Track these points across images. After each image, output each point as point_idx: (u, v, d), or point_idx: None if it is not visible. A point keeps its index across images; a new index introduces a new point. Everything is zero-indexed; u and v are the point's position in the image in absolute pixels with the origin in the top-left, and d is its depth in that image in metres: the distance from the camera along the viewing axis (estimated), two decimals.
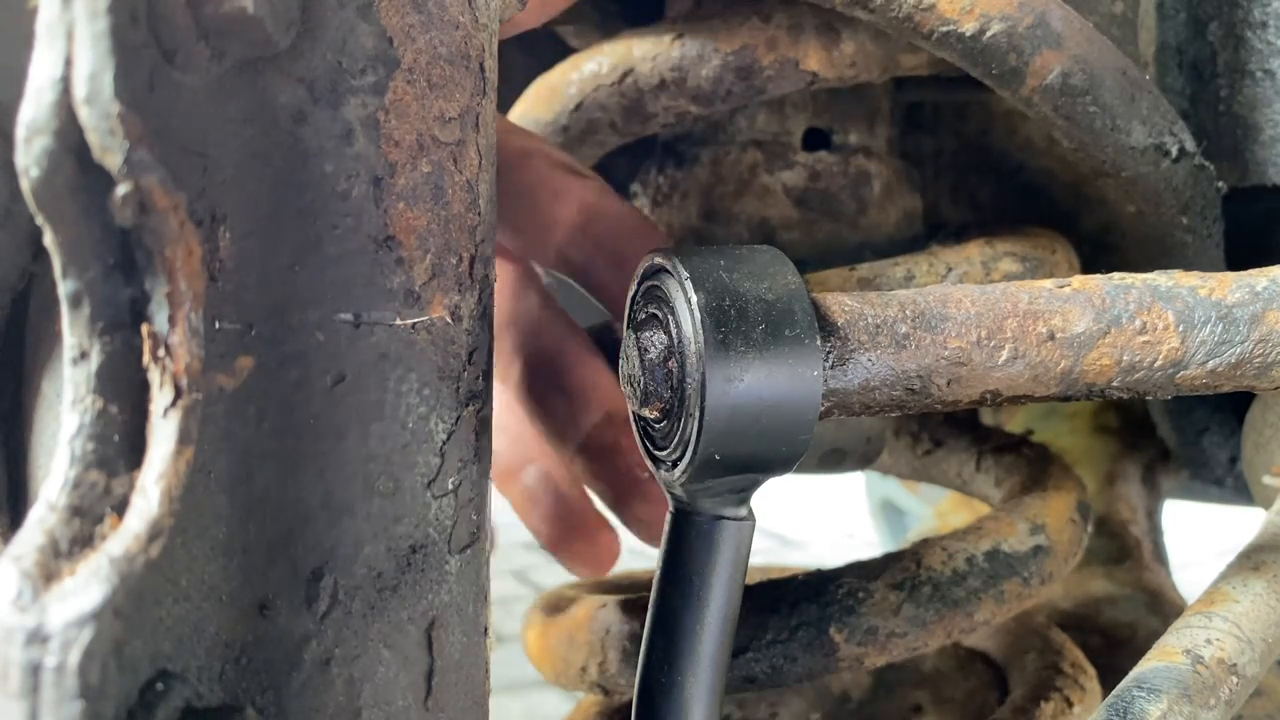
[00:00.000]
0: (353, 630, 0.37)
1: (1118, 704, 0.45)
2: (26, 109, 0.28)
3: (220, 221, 0.34)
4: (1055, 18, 0.54)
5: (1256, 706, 0.81)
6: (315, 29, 0.36)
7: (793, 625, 0.57)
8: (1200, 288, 0.45)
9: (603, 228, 0.60)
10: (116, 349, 0.30)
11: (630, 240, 0.59)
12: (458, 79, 0.40)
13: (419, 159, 0.38)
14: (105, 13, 0.28)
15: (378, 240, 0.37)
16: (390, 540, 0.38)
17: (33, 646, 0.27)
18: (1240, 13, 0.68)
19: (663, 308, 0.43)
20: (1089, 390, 0.45)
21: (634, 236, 0.59)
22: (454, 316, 0.39)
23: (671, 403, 0.42)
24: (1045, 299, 0.45)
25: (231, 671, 0.35)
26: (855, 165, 0.68)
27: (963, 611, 0.58)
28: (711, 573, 0.44)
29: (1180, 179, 0.61)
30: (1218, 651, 0.47)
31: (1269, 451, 0.70)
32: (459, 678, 0.41)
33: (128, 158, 0.28)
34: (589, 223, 0.60)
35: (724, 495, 0.43)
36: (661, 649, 0.44)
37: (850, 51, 0.61)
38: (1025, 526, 0.63)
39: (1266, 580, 0.51)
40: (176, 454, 0.30)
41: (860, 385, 0.43)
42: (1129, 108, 0.57)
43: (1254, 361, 0.45)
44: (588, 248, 0.60)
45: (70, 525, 0.29)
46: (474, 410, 0.41)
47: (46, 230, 0.29)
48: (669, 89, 0.62)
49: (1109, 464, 1.00)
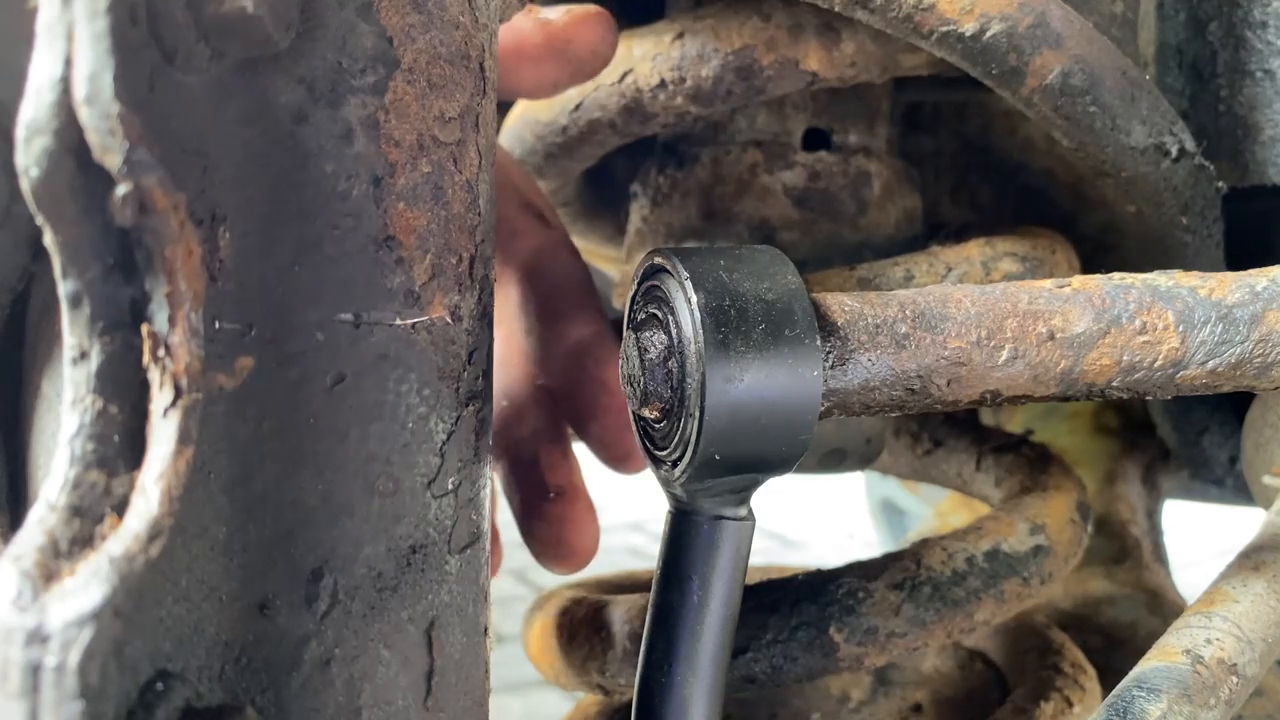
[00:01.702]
0: (353, 630, 0.37)
1: (1118, 704, 0.45)
2: (26, 109, 0.28)
3: (220, 221, 0.34)
4: (1055, 18, 0.54)
5: (1256, 706, 0.81)
6: (315, 29, 0.36)
7: (793, 625, 0.57)
8: (1200, 288, 0.45)
9: (543, 283, 0.61)
10: (116, 349, 0.30)
11: (564, 301, 0.61)
12: (458, 79, 0.40)
13: (419, 159, 0.38)
14: (105, 13, 0.28)
15: (378, 240, 0.37)
16: (390, 540, 0.38)
17: (33, 646, 0.27)
18: (1240, 13, 0.68)
19: (663, 308, 0.43)
20: (1089, 390, 0.45)
21: (568, 298, 0.61)
22: (454, 316, 0.39)
23: (671, 403, 0.42)
24: (1045, 299, 0.45)
25: (231, 671, 0.35)
26: (855, 165, 0.68)
27: (963, 611, 0.58)
28: (711, 573, 0.44)
29: (1180, 179, 0.61)
30: (1218, 651, 0.47)
31: (1269, 451, 0.70)
32: (459, 678, 0.41)
33: (128, 158, 0.28)
34: (532, 273, 0.62)
35: (724, 495, 0.43)
36: (661, 649, 0.44)
37: (850, 51, 0.61)
38: (1025, 526, 0.63)
39: (1266, 580, 0.51)
40: (176, 454, 0.30)
41: (860, 385, 0.43)
42: (1129, 108, 0.57)
43: (1254, 361, 0.45)
44: (525, 293, 0.61)
45: (70, 525, 0.29)
46: (474, 410, 0.41)
47: (46, 230, 0.29)
48: (669, 89, 0.62)
49: (1109, 464, 1.00)
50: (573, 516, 0.57)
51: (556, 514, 0.57)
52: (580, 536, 0.57)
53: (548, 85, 0.60)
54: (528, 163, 0.71)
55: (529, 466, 0.59)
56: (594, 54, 0.58)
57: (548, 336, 0.60)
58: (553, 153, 0.70)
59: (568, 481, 0.58)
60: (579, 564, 0.58)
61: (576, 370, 0.59)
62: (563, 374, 0.60)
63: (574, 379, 0.59)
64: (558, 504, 0.58)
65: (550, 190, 0.75)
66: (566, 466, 0.59)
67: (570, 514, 0.57)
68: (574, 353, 0.59)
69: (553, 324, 0.61)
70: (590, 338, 0.59)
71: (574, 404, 0.60)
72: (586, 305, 0.61)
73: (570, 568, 0.57)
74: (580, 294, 0.61)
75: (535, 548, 0.58)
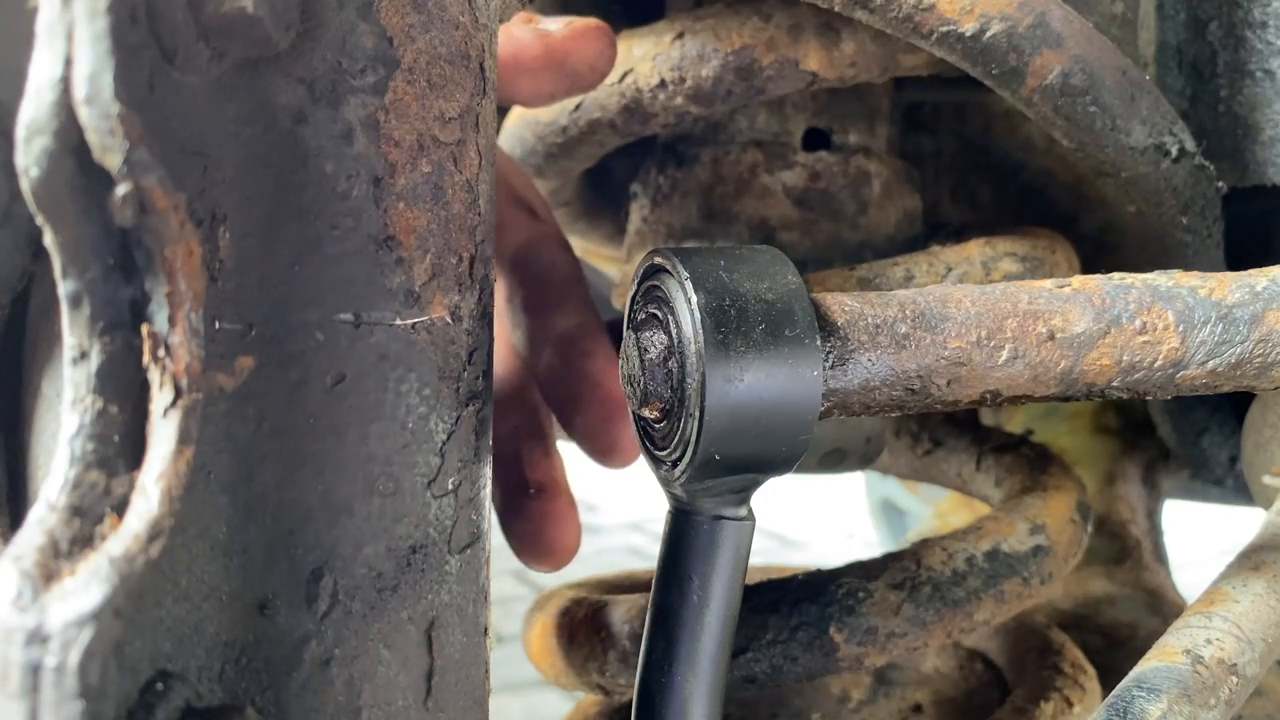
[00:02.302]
0: (353, 630, 0.37)
1: (1118, 704, 0.45)
2: (26, 109, 0.28)
3: (220, 221, 0.34)
4: (1055, 18, 0.54)
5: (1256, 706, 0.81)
6: (315, 29, 0.36)
7: (793, 625, 0.57)
8: (1200, 288, 0.45)
9: (531, 276, 0.61)
10: (116, 349, 0.30)
11: (551, 293, 0.60)
12: (458, 79, 0.40)
13: (419, 159, 0.38)
14: (105, 13, 0.28)
15: (378, 240, 0.37)
16: (390, 540, 0.38)
17: (33, 646, 0.27)
18: (1240, 13, 0.68)
19: (663, 308, 0.43)
20: (1089, 390, 0.45)
21: (556, 290, 0.60)
22: (454, 316, 0.39)
23: (671, 403, 0.42)
24: (1045, 299, 0.45)
25: (231, 671, 0.35)
26: (855, 165, 0.68)
27: (963, 611, 0.58)
28: (711, 573, 0.44)
29: (1180, 179, 0.61)
30: (1218, 651, 0.47)
31: (1269, 451, 0.70)
32: (459, 678, 0.41)
33: (128, 158, 0.28)
34: (520, 265, 0.61)
35: (724, 495, 0.43)
36: (661, 649, 0.44)
37: (850, 51, 0.61)
38: (1025, 526, 0.63)
39: (1266, 580, 0.51)
40: (176, 454, 0.30)
41: (860, 385, 0.43)
42: (1129, 108, 0.57)
43: (1254, 361, 0.45)
44: (512, 286, 0.61)
45: (70, 525, 0.29)
46: (474, 410, 0.41)
47: (46, 230, 0.29)
48: (669, 89, 0.62)
49: (1109, 464, 1.00)
50: (554, 513, 0.57)
51: (538, 511, 0.57)
52: (561, 534, 0.57)
53: (544, 96, 0.60)
54: (527, 163, 0.71)
55: (510, 463, 0.58)
56: (592, 68, 0.58)
57: (534, 329, 0.60)
58: (553, 153, 0.70)
59: (549, 478, 0.58)
60: (560, 562, 0.57)
61: (562, 362, 0.58)
62: (548, 366, 0.59)
63: (560, 371, 0.58)
64: (539, 501, 0.57)
65: (550, 190, 0.75)
66: (548, 463, 0.59)
67: (551, 511, 0.57)
68: (560, 344, 0.59)
69: (539, 316, 0.60)
70: (575, 329, 0.59)
71: (560, 396, 0.59)
72: (574, 297, 0.60)
73: (552, 565, 0.57)
74: (568, 286, 0.61)
75: (516, 545, 0.57)
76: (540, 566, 0.57)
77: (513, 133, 0.71)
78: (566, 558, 0.57)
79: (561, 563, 0.57)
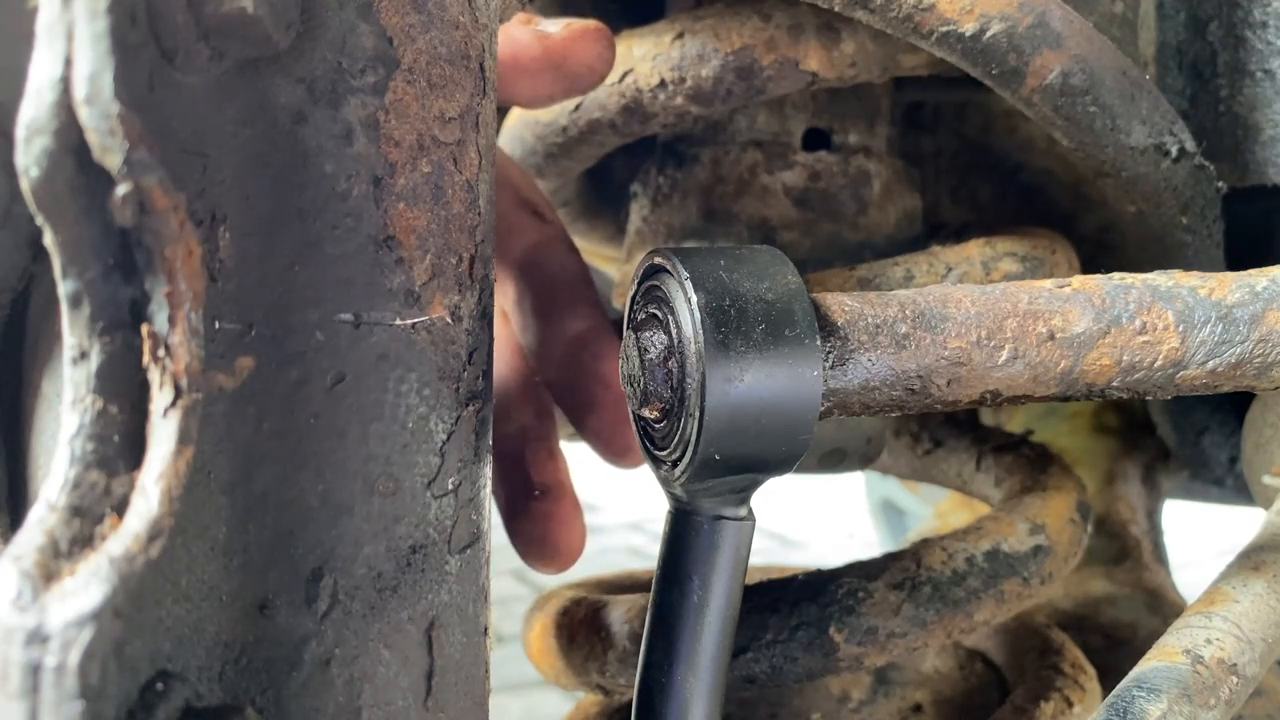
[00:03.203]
0: (353, 630, 0.37)
1: (1118, 704, 0.45)
2: (26, 109, 0.28)
3: (220, 221, 0.34)
4: (1055, 18, 0.54)
5: (1256, 706, 0.81)
6: (315, 29, 0.36)
7: (793, 625, 0.57)
8: (1200, 288, 0.45)
9: (540, 278, 0.61)
10: (116, 349, 0.30)
11: (561, 296, 0.60)
12: (458, 79, 0.40)
13: (419, 159, 0.38)
14: (105, 13, 0.28)
15: (378, 240, 0.37)
16: (390, 540, 0.38)
17: (33, 646, 0.27)
18: (1240, 13, 0.68)
19: (663, 308, 0.43)
20: (1089, 390, 0.45)
21: (565, 293, 0.60)
22: (454, 316, 0.39)
23: (671, 403, 0.42)
24: (1045, 299, 0.45)
25: (231, 671, 0.35)
26: (855, 165, 0.68)
27: (963, 611, 0.58)
28: (711, 573, 0.44)
29: (1180, 179, 0.61)
30: (1218, 651, 0.47)
31: (1269, 451, 0.70)
32: (459, 678, 0.41)
33: (128, 158, 0.28)
34: (529, 268, 0.61)
35: (724, 495, 0.43)
36: (661, 649, 0.44)
37: (850, 51, 0.61)
38: (1025, 526, 0.63)
39: (1266, 580, 0.51)
40: (176, 454, 0.30)
41: (860, 385, 0.43)
42: (1129, 108, 0.57)
43: (1254, 361, 0.45)
44: (521, 289, 0.61)
45: (70, 525, 0.29)
46: (474, 410, 0.41)
47: (46, 230, 0.29)
48: (669, 89, 0.62)
49: (1109, 464, 1.00)
50: (558, 515, 0.57)
51: (542, 512, 0.57)
52: (566, 535, 0.57)
53: (543, 98, 0.60)
54: (528, 163, 0.71)
55: (515, 464, 0.58)
56: (590, 70, 0.58)
57: (545, 331, 0.60)
58: (553, 153, 0.70)
59: (554, 479, 0.58)
60: (565, 563, 0.57)
61: (574, 364, 0.58)
62: (560, 368, 0.59)
63: (571, 373, 0.59)
64: (543, 502, 0.57)
65: (550, 190, 0.75)
66: (553, 465, 0.59)
67: (556, 512, 0.57)
68: (571, 347, 0.59)
69: (550, 319, 0.60)
70: (587, 332, 0.59)
71: (571, 398, 0.59)
72: (584, 299, 0.60)
73: (556, 567, 0.57)
74: (577, 288, 0.61)
75: (521, 546, 0.58)
76: (545, 568, 0.57)
77: (513, 133, 0.71)
78: (571, 559, 0.57)
79: (566, 564, 0.57)
